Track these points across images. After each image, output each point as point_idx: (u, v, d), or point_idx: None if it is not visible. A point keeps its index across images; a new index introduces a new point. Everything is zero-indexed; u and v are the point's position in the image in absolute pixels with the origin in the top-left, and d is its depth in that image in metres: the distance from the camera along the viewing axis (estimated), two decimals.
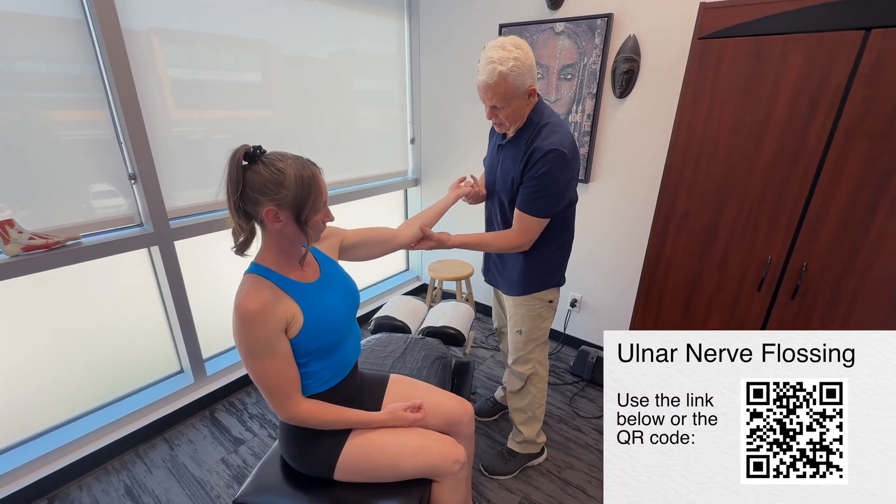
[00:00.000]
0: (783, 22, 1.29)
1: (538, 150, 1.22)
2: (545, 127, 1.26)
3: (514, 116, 1.25)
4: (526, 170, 1.26)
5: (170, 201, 1.75)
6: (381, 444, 1.08)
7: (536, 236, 1.34)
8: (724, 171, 1.47)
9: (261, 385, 0.95)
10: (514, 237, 1.33)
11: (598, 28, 1.96)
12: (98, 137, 1.56)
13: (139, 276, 1.83)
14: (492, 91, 1.19)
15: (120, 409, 1.81)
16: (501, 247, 1.35)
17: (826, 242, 1.34)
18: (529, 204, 1.28)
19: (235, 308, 0.89)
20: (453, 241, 1.33)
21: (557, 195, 1.27)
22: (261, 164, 0.89)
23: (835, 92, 1.25)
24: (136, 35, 1.56)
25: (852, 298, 1.35)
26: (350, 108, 2.48)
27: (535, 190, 1.26)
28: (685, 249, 1.61)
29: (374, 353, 1.63)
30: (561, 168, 1.23)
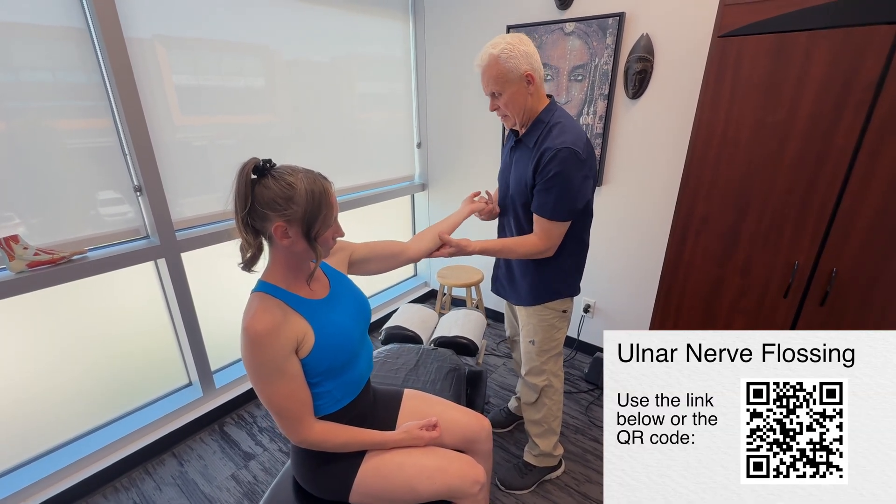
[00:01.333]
0: (807, 18, 1.23)
1: (549, 150, 1.19)
2: (556, 126, 1.22)
3: (513, 105, 1.23)
4: (537, 171, 1.22)
5: (175, 211, 1.73)
6: (398, 465, 1.04)
7: (559, 240, 1.29)
8: (745, 173, 1.41)
9: (271, 408, 0.91)
10: (538, 242, 1.28)
11: (609, 27, 1.91)
12: (102, 146, 1.53)
13: (146, 289, 1.80)
14: (486, 75, 1.22)
15: (128, 425, 1.78)
16: (525, 252, 1.30)
17: (857, 247, 1.28)
18: (545, 207, 1.23)
19: (244, 329, 0.85)
20: (473, 246, 1.29)
21: (574, 196, 1.22)
22: (270, 177, 0.85)
23: (864, 90, 1.19)
24: (139, 43, 1.54)
25: (884, 305, 1.29)
26: (354, 112, 2.45)
27: (550, 192, 1.21)
28: (705, 254, 1.55)
29: (387, 366, 1.59)
30: (575, 168, 1.19)
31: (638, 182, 2.09)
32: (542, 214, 1.25)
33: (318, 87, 2.21)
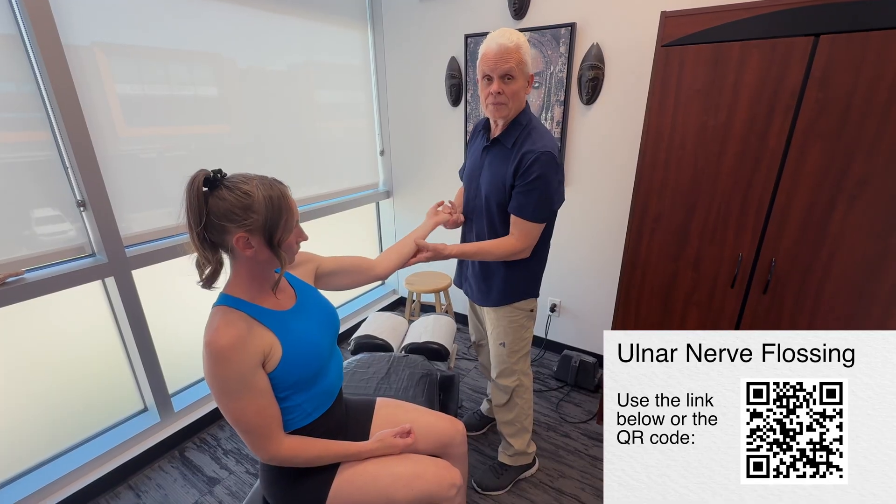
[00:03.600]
0: (739, 29, 1.34)
1: (531, 153, 1.22)
2: (534, 130, 1.27)
3: (516, 97, 1.24)
4: (518, 173, 1.25)
5: (124, 227, 1.63)
6: (373, 475, 1.02)
7: (535, 241, 1.32)
8: (692, 174, 1.51)
9: (238, 426, 0.88)
10: (516, 243, 1.30)
11: (562, 37, 2.00)
12: (40, 159, 1.43)
13: (93, 310, 1.68)
14: (511, 55, 1.18)
15: (77, 458, 1.65)
16: (501, 254, 1.32)
17: (791, 239, 1.40)
18: (525, 208, 1.26)
19: (206, 345, 0.82)
20: (450, 250, 1.29)
21: (552, 198, 1.27)
22: (224, 188, 0.82)
23: (790, 95, 1.31)
24: (78, 50, 1.45)
25: (818, 292, 1.41)
26: (314, 121, 2.41)
27: (531, 194, 1.24)
28: (660, 251, 1.64)
29: (357, 376, 1.57)
30: (553, 171, 1.24)
31: (595, 184, 2.18)
32: (522, 216, 1.27)
33: (276, 95, 2.17)
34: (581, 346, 2.48)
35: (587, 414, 2.07)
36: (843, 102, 1.24)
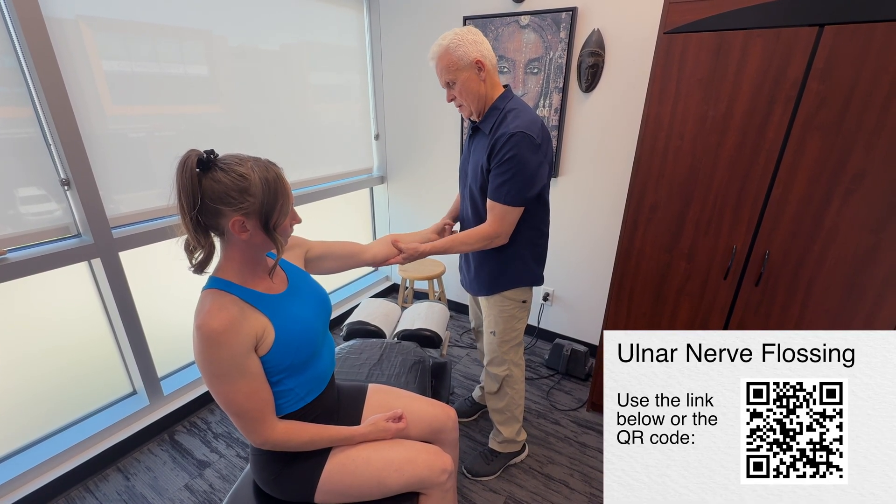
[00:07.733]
0: (744, 17, 1.32)
1: (503, 135, 1.20)
2: (511, 112, 1.25)
3: (467, 92, 1.26)
4: (492, 156, 1.23)
5: (111, 208, 1.59)
6: (365, 459, 1.02)
7: (513, 226, 1.30)
8: (690, 164, 1.50)
9: (229, 410, 0.87)
10: (488, 229, 1.29)
11: (562, 21, 1.96)
12: (22, 136, 1.38)
13: (80, 292, 1.65)
14: (439, 66, 1.26)
15: (65, 440, 1.63)
16: (477, 241, 1.30)
17: (786, 232, 1.40)
18: (499, 191, 1.24)
19: (197, 328, 0.80)
20: (423, 248, 1.29)
21: (528, 180, 1.23)
22: (218, 170, 0.79)
23: (791, 86, 1.29)
24: (62, 23, 1.39)
25: (809, 285, 1.42)
26: (308, 103, 2.36)
27: (503, 175, 1.22)
28: (655, 241, 1.64)
29: (349, 362, 1.56)
30: (529, 151, 1.21)
31: (593, 173, 2.16)
32: (495, 199, 1.26)
33: (268, 76, 2.11)
34: (573, 335, 2.50)
35: (577, 402, 2.09)
36: (843, 95, 1.23)
